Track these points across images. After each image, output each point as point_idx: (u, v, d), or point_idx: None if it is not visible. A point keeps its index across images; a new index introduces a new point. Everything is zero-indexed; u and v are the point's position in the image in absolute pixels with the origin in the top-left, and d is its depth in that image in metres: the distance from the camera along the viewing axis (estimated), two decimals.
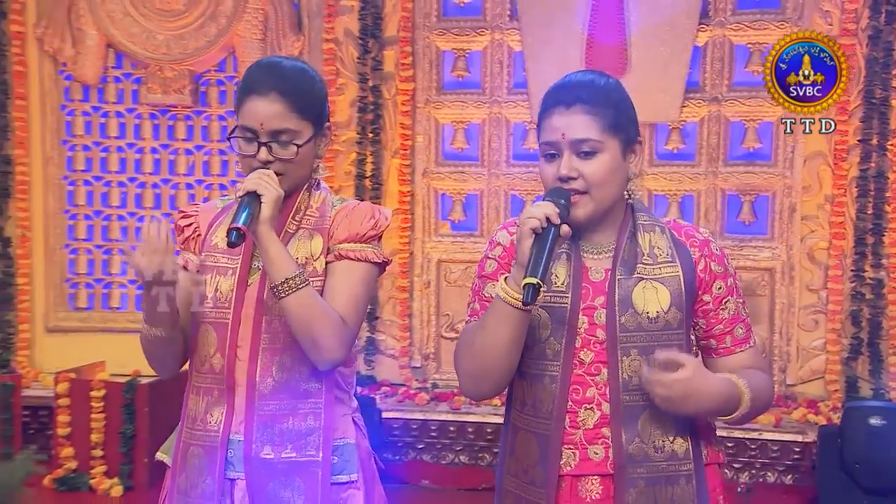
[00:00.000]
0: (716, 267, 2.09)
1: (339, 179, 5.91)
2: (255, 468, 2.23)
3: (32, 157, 6.09)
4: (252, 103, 2.19)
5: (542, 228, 1.92)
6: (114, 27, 5.93)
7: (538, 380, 2.07)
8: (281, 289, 2.11)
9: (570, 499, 2.04)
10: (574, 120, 2.00)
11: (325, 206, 2.29)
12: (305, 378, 2.24)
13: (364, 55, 5.83)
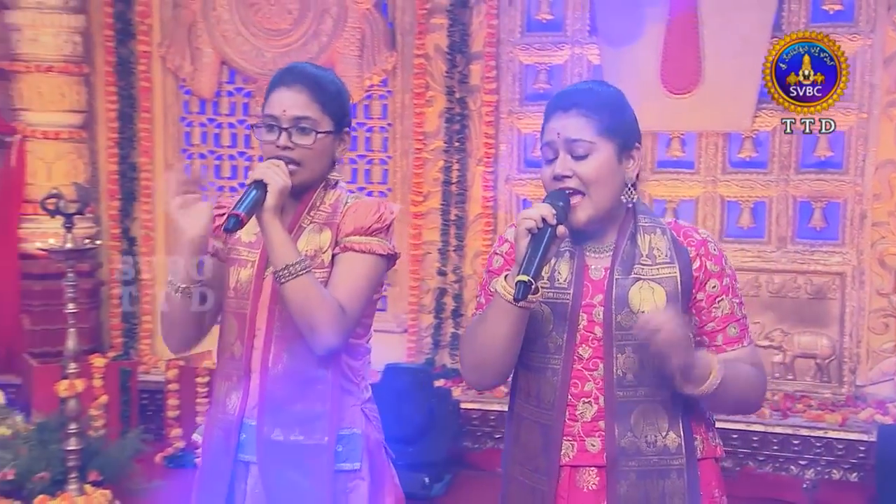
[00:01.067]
0: (712, 266, 2.07)
1: (428, 185, 6.04)
2: (266, 449, 2.25)
3: (156, 165, 6.39)
4: (277, 94, 2.24)
5: (537, 228, 1.93)
6: (227, 46, 6.19)
7: (541, 372, 2.08)
8: (281, 274, 2.14)
9: (568, 488, 2.05)
10: (570, 122, 2.02)
11: (338, 202, 2.30)
12: (313, 365, 2.24)
13: (452, 69, 5.93)
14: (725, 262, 2.10)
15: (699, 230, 2.13)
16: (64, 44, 6.07)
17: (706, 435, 2.11)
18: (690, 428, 2.07)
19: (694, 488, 2.04)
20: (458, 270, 6.05)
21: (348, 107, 2.37)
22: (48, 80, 6.05)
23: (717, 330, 2.07)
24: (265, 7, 6.13)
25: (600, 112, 2.03)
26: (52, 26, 6.03)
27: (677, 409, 2.04)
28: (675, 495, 2.02)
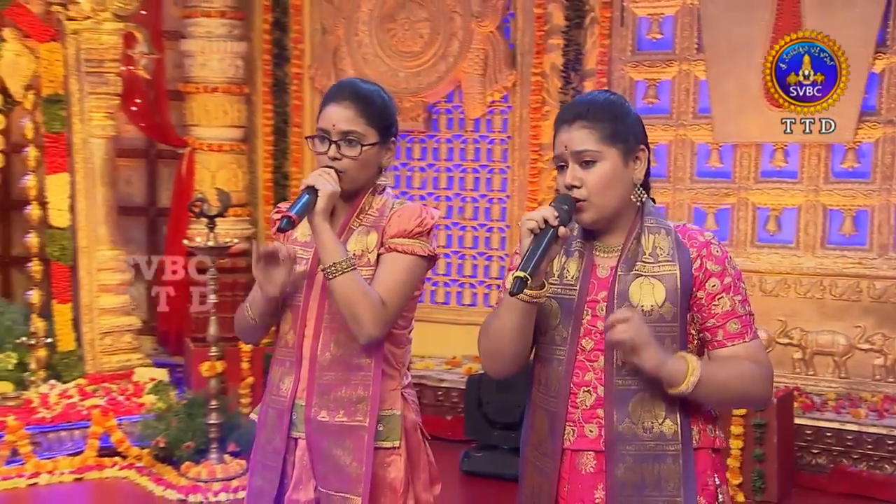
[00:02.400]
0: (712, 266, 2.03)
1: (542, 192, 6.10)
2: (314, 428, 2.32)
3: (304, 174, 6.68)
4: (328, 109, 2.31)
5: (539, 229, 1.94)
6: (366, 67, 6.47)
7: (549, 362, 2.09)
8: (329, 271, 2.22)
9: (570, 470, 2.06)
10: (574, 134, 2.03)
11: (384, 207, 2.35)
12: (357, 354, 2.30)
13: (566, 86, 5.99)
14: (728, 263, 2.06)
15: (704, 232, 2.09)
16: (228, 67, 6.53)
17: (704, 426, 2.07)
18: (688, 418, 2.04)
19: (689, 473, 2.01)
20: None
21: (393, 120, 2.42)
22: (214, 100, 6.52)
23: (717, 326, 2.04)
24: (400, 32, 6.43)
25: (602, 121, 2.03)
26: (218, 53, 6.49)
27: (674, 399, 2.00)
28: (670, 479, 2.00)
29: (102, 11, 5.79)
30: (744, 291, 2.06)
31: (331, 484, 2.29)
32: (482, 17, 6.20)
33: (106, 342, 5.88)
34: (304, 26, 6.78)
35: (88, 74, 5.81)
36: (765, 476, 4.87)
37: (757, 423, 4.86)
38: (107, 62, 5.84)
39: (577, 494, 2.05)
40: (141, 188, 7.28)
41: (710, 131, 5.80)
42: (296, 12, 6.75)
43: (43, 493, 4.86)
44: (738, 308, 2.03)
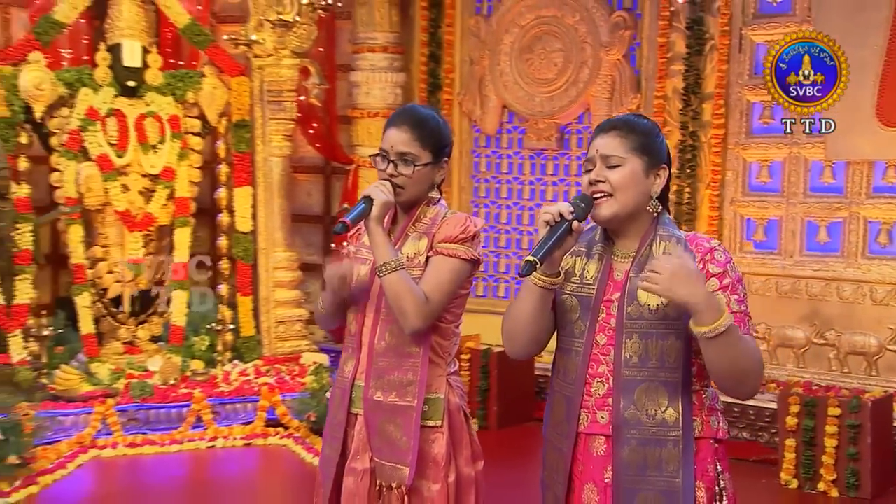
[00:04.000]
0: (713, 268, 2.03)
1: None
2: (370, 406, 2.42)
3: (452, 187, 6.89)
4: (389, 132, 2.41)
5: (554, 222, 1.98)
6: (507, 93, 6.65)
7: (568, 353, 2.13)
8: (380, 269, 2.32)
9: (583, 452, 2.09)
10: (607, 141, 2.08)
11: (437, 216, 2.43)
12: (408, 343, 2.38)
13: (686, 108, 5.98)
14: (729, 267, 2.05)
15: (711, 241, 2.11)
16: (388, 95, 6.85)
17: (707, 418, 2.07)
18: (690, 408, 2.04)
19: (688, 458, 2.01)
20: None
21: (447, 142, 2.46)
22: (376, 123, 6.75)
23: None
24: (536, 61, 6.58)
25: (633, 134, 2.08)
26: (380, 83, 6.83)
27: (676, 390, 2.02)
28: (671, 462, 2.01)
29: (283, 49, 6.26)
30: (742, 293, 2.05)
31: (384, 455, 2.39)
32: (610, 46, 6.27)
33: (280, 330, 6.35)
34: (454, 58, 7.01)
35: (269, 103, 6.29)
36: (859, 474, 4.74)
37: (851, 423, 4.75)
38: (285, 92, 6.31)
39: (589, 474, 2.09)
40: (319, 199, 7.67)
41: (822, 149, 5.64)
42: (448, 46, 7.01)
43: (219, 454, 5.29)
44: (732, 305, 2.00)
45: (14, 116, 5.57)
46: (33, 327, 5.53)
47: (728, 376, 1.97)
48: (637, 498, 2.02)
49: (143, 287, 6.03)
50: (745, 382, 1.98)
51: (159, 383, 5.59)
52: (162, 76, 5.97)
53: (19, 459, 4.53)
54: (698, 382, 2.07)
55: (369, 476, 2.42)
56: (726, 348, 1.91)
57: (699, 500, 2.03)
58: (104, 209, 5.83)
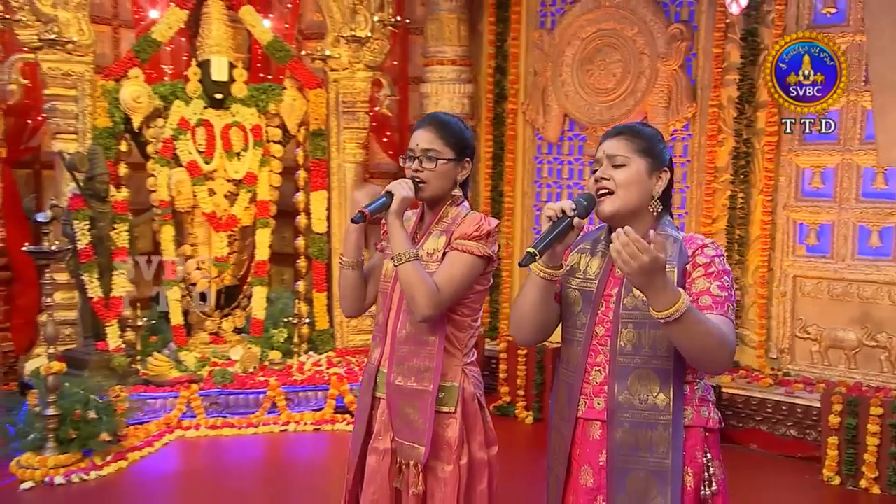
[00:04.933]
0: (700, 259, 2.08)
1: (717, 210, 6.05)
2: (392, 390, 2.51)
3: (516, 192, 7.06)
4: (415, 133, 2.52)
5: (556, 217, 2.05)
6: (568, 102, 6.66)
7: (570, 343, 2.19)
8: (396, 259, 2.40)
9: (582, 436, 2.16)
10: (613, 143, 2.16)
11: (457, 216, 2.51)
12: (425, 332, 2.46)
13: (740, 116, 5.92)
14: (717, 260, 2.09)
15: (704, 239, 2.14)
16: (456, 105, 6.91)
17: (697, 408, 2.10)
18: (681, 395, 2.07)
19: (677, 441, 2.05)
20: (739, 281, 6.02)
21: (468, 143, 2.55)
22: None
23: (693, 301, 2.00)
24: (596, 72, 6.60)
25: (638, 138, 2.16)
26: (448, 93, 6.91)
27: (668, 377, 2.06)
28: (661, 444, 2.05)
29: (357, 63, 6.45)
30: (726, 283, 2.07)
31: (403, 435, 2.49)
32: (667, 57, 6.25)
33: (352, 324, 6.52)
34: (519, 70, 7.06)
35: (344, 113, 6.49)
36: None
37: (892, 423, 4.66)
38: (358, 103, 6.49)
39: (586, 457, 2.15)
40: None
41: (874, 156, 5.52)
42: (513, 59, 7.07)
43: (291, 438, 5.48)
44: (713, 289, 2.04)
45: (115, 127, 5.88)
46: (130, 318, 5.83)
47: (694, 356, 1.99)
48: (628, 478, 2.07)
49: (228, 283, 6.28)
50: (713, 359, 1.98)
51: (239, 371, 5.82)
52: (246, 89, 6.21)
53: (111, 437, 4.79)
54: (691, 374, 2.10)
55: (390, 455, 2.52)
56: (686, 330, 1.92)
57: (687, 484, 2.07)
58: (193, 211, 6.09)
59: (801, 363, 5.89)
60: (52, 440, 4.64)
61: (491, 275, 2.57)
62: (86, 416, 4.65)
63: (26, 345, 6.19)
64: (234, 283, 6.33)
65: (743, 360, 6.05)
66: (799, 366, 5.88)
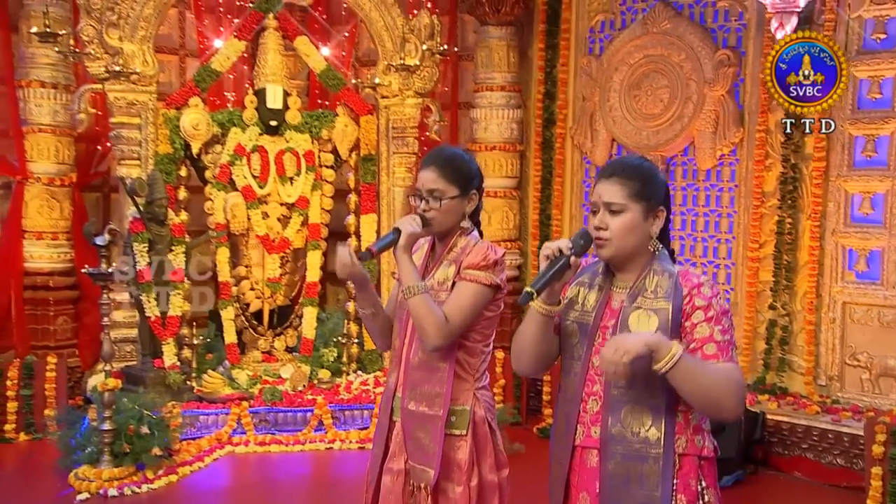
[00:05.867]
0: (699, 301, 2.08)
1: (764, 235, 6.00)
2: (405, 415, 2.57)
3: (563, 215, 7.09)
4: (420, 174, 2.59)
5: (554, 256, 2.09)
6: (615, 127, 6.68)
7: (568, 373, 2.23)
8: (406, 292, 2.47)
9: (580, 463, 2.20)
10: (609, 187, 2.15)
11: (467, 246, 2.56)
12: (437, 359, 2.52)
13: (788, 141, 5.85)
14: (714, 300, 2.09)
15: (700, 277, 2.14)
16: (504, 130, 7.06)
17: (692, 437, 2.12)
18: (673, 428, 2.09)
19: (668, 474, 2.07)
20: (787, 306, 5.98)
21: (472, 176, 2.59)
22: (492, 156, 7.06)
23: (696, 348, 2.07)
24: (643, 97, 6.60)
25: (632, 180, 2.14)
26: (497, 119, 7.05)
27: (660, 411, 2.08)
28: (651, 477, 2.07)
29: (407, 90, 6.58)
30: (726, 324, 2.09)
31: (415, 458, 2.56)
32: (714, 83, 6.22)
33: None
34: (567, 95, 7.12)
35: (394, 139, 6.62)
36: None
37: None
38: (407, 129, 6.62)
39: (584, 484, 2.19)
40: None
41: None
42: (562, 84, 7.13)
43: (336, 456, 5.59)
44: (716, 335, 2.06)
45: (176, 153, 6.10)
46: (186, 336, 6.03)
47: (699, 402, 2.04)
48: None
49: (280, 303, 6.44)
50: (719, 406, 2.02)
51: (289, 389, 5.96)
52: (300, 116, 6.38)
53: (162, 451, 4.96)
54: (685, 403, 2.11)
55: (404, 476, 2.59)
56: (687, 378, 1.98)
57: None
58: (247, 234, 6.28)
59: (852, 391, 5.78)
60: (108, 454, 4.83)
61: (501, 301, 2.62)
62: (139, 431, 4.83)
63: (91, 361, 6.44)
64: (286, 303, 6.48)
65: (791, 386, 5.97)
66: (849, 393, 5.77)
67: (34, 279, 6.42)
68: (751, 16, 6.09)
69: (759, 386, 6.02)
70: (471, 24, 7.37)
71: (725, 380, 2.02)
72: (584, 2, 7.03)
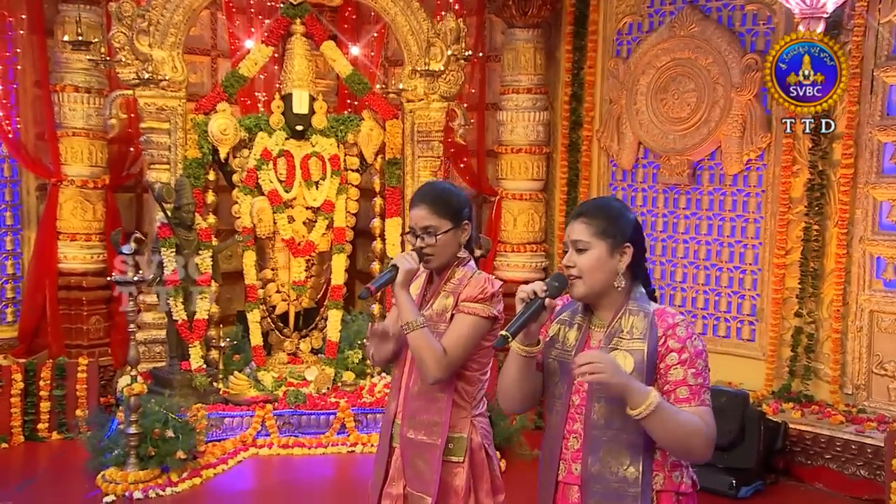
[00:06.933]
0: (673, 343, 2.13)
1: (791, 242, 5.97)
2: (404, 442, 2.66)
3: None
4: (412, 212, 2.67)
5: (529, 299, 2.14)
6: (642, 130, 6.67)
7: (550, 411, 2.28)
8: (405, 327, 2.56)
9: (562, 498, 2.25)
10: (575, 227, 2.24)
11: (464, 277, 2.64)
12: (436, 389, 2.60)
13: (815, 147, 5.80)
14: (689, 343, 2.13)
15: (675, 316, 2.18)
16: (531, 133, 7.08)
17: (669, 473, 2.16)
18: (651, 467, 2.13)
19: None
20: (813, 314, 5.94)
21: (462, 206, 2.67)
22: (518, 159, 7.10)
23: (669, 391, 2.12)
24: (671, 101, 6.57)
25: (598, 220, 2.21)
26: (523, 121, 7.07)
27: (638, 450, 2.13)
28: None
29: (432, 94, 6.61)
30: (700, 367, 2.13)
31: (413, 485, 2.65)
32: (742, 87, 6.17)
33: None
34: (595, 98, 7.12)
35: (419, 142, 6.65)
36: None
37: None
38: (433, 133, 6.65)
39: None
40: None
41: None
42: (589, 87, 7.12)
43: (357, 459, 5.66)
44: (689, 379, 2.11)
45: (204, 157, 6.22)
46: (214, 338, 6.15)
47: (671, 447, 2.09)
48: None
49: (306, 305, 6.54)
50: (690, 451, 2.09)
51: (313, 392, 6.06)
52: (326, 120, 6.46)
53: (187, 454, 5.08)
54: None
55: (402, 501, 2.67)
56: (662, 424, 2.03)
57: None
58: (273, 237, 6.38)
59: (879, 400, 5.73)
60: (134, 456, 4.97)
61: (499, 331, 2.61)
62: (164, 434, 4.96)
63: (123, 360, 6.58)
64: (311, 305, 6.58)
65: (817, 394, 5.94)
66: (876, 403, 5.72)
67: (68, 280, 6.59)
68: (779, 20, 6.02)
69: (784, 394, 5.99)
70: (499, 24, 7.38)
71: (696, 426, 2.07)
72: (612, 4, 7.00)
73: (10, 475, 5.40)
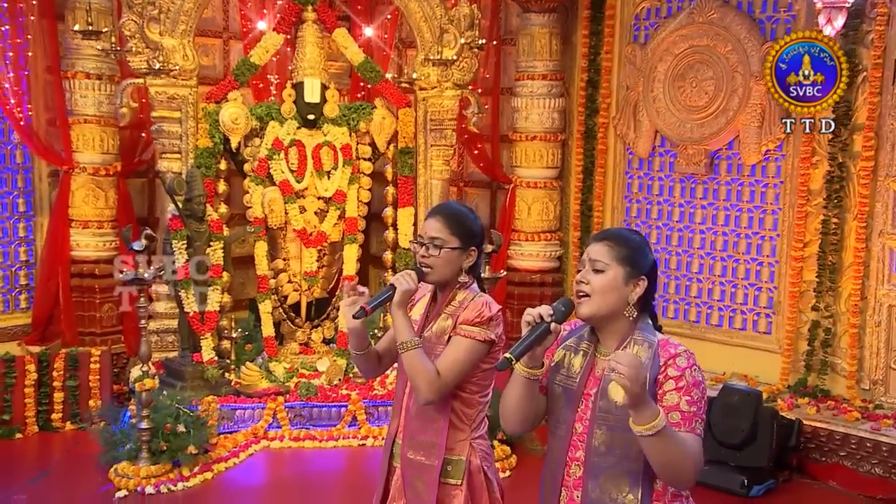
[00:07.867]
0: (672, 372, 2.14)
1: (809, 234, 5.94)
2: (405, 462, 2.68)
3: (605, 207, 7.08)
4: (426, 221, 2.71)
5: (535, 322, 2.15)
6: (659, 119, 6.62)
7: (553, 436, 2.30)
8: (400, 347, 2.57)
9: None
10: (597, 248, 2.25)
11: (464, 300, 2.66)
12: (433, 410, 2.62)
13: (835, 139, 5.73)
14: (688, 372, 2.14)
15: (678, 347, 2.19)
16: (546, 120, 7.04)
17: (668, 499, 2.19)
18: (650, 495, 2.16)
19: None
20: (831, 308, 5.90)
21: (475, 233, 2.70)
22: (532, 146, 7.07)
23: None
24: (688, 89, 6.50)
25: (620, 246, 2.24)
26: (538, 108, 7.03)
27: (638, 478, 2.15)
28: None
29: (445, 82, 6.56)
30: (696, 396, 2.13)
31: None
32: (761, 76, 6.05)
33: None
34: (611, 84, 7.05)
35: (431, 131, 6.62)
36: None
37: None
38: (446, 121, 6.61)
39: None
40: (485, 212, 7.86)
41: None
42: (605, 73, 7.05)
43: (368, 452, 5.69)
44: (682, 405, 2.12)
45: (215, 147, 6.21)
46: (226, 328, 6.19)
47: (663, 470, 2.09)
48: None
49: (318, 295, 6.56)
50: (679, 477, 2.09)
51: (324, 383, 6.09)
52: (338, 109, 6.43)
53: (198, 449, 5.14)
54: None
55: None
56: (662, 446, 2.02)
57: None
58: (285, 227, 6.39)
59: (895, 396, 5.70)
60: (146, 451, 5.03)
61: (498, 354, 2.67)
62: (176, 429, 5.01)
63: (136, 347, 6.64)
64: (323, 295, 6.60)
65: (834, 389, 5.92)
66: (893, 398, 5.72)
67: (80, 267, 6.65)
68: (800, 7, 5.93)
69: (800, 388, 5.97)
70: (514, 7, 7.30)
71: (692, 451, 2.09)
72: None
73: (24, 466, 5.49)
